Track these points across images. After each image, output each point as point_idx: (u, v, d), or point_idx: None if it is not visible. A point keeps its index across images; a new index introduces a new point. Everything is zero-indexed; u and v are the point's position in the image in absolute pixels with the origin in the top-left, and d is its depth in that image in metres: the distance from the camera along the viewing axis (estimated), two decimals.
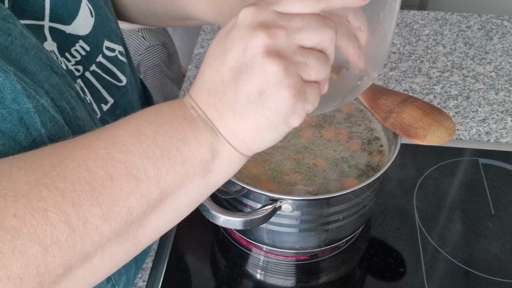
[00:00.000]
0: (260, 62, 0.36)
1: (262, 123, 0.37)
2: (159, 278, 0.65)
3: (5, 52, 0.40)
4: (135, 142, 0.36)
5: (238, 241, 0.69)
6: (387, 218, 0.72)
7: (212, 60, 0.38)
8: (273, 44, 0.36)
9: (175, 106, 0.39)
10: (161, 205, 0.37)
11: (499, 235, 0.69)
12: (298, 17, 0.37)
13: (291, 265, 0.67)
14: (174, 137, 0.37)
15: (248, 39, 0.36)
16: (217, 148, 0.38)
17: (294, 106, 0.37)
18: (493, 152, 0.81)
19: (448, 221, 0.71)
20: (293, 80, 0.36)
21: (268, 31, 0.35)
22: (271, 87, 0.36)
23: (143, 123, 0.37)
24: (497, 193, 0.75)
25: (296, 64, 0.36)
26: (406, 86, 0.92)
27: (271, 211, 0.54)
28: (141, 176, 0.36)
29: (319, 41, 0.37)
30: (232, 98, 0.37)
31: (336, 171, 0.62)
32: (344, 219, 0.60)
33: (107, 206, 0.35)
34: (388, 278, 0.65)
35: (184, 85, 0.93)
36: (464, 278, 0.65)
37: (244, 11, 0.37)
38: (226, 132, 0.38)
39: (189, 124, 0.38)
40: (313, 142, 0.65)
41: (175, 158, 0.37)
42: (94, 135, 0.37)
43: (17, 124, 0.39)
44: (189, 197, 0.39)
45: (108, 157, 0.35)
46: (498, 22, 1.06)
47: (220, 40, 0.38)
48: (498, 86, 0.92)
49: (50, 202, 0.33)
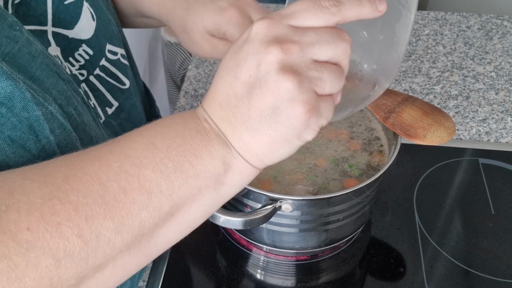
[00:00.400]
0: (274, 79, 0.35)
1: (276, 138, 0.37)
2: (159, 278, 0.65)
3: (13, 59, 0.40)
4: (148, 156, 0.36)
5: (238, 241, 0.69)
6: (387, 218, 0.72)
7: (225, 73, 0.38)
8: (287, 60, 0.36)
9: (187, 118, 0.39)
10: (173, 217, 0.38)
11: (499, 235, 0.69)
12: (312, 31, 0.36)
13: (291, 265, 0.67)
14: (187, 151, 0.37)
15: (261, 54, 0.36)
16: (230, 162, 0.38)
17: (308, 122, 0.37)
18: (493, 152, 0.81)
19: (448, 221, 0.71)
20: (307, 96, 0.36)
21: (282, 46, 0.35)
22: (285, 103, 0.36)
23: (156, 136, 0.37)
24: (497, 193, 0.75)
25: (310, 80, 0.36)
26: (406, 86, 0.92)
27: (271, 211, 0.54)
28: (153, 189, 0.36)
29: (334, 54, 0.37)
30: (245, 113, 0.37)
31: (337, 171, 0.62)
32: (344, 219, 0.60)
33: (119, 219, 0.35)
34: (388, 278, 0.65)
35: (184, 85, 0.93)
36: (464, 278, 0.65)
37: (257, 24, 0.37)
38: (239, 146, 0.38)
39: (202, 137, 0.37)
40: (314, 142, 0.65)
41: (187, 172, 0.37)
42: (107, 147, 0.37)
43: (27, 132, 0.40)
44: (200, 209, 0.39)
45: (121, 171, 0.35)
46: (498, 22, 1.06)
47: (233, 53, 0.38)
48: (498, 86, 0.92)
49: (64, 215, 0.33)
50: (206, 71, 0.95)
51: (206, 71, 0.95)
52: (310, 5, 0.37)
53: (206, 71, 0.95)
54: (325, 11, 0.36)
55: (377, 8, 0.38)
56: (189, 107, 0.88)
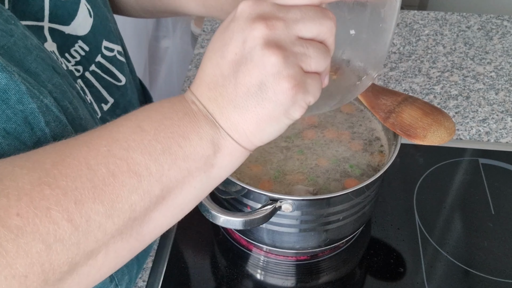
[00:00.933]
0: (259, 54, 0.35)
1: (263, 115, 0.37)
2: (159, 278, 0.65)
3: (9, 53, 0.40)
4: (136, 139, 0.36)
5: (238, 241, 0.69)
6: (387, 218, 0.72)
7: (212, 54, 0.38)
8: (272, 35, 0.35)
9: (175, 102, 0.39)
10: (164, 201, 0.37)
11: (499, 235, 0.69)
12: (297, 8, 0.36)
13: (291, 265, 0.67)
14: (175, 133, 0.37)
15: (246, 31, 0.36)
16: (219, 143, 0.38)
17: (295, 97, 0.36)
18: (493, 152, 0.81)
19: (448, 221, 0.71)
20: (292, 70, 0.36)
21: (267, 22, 0.35)
22: (270, 79, 0.36)
23: (144, 119, 0.37)
24: (497, 193, 0.75)
25: (296, 55, 0.36)
26: (406, 86, 0.92)
27: (271, 211, 0.54)
28: (143, 172, 0.36)
29: (319, 32, 0.37)
30: (232, 91, 0.37)
31: (338, 171, 0.62)
32: (344, 219, 0.60)
33: (109, 203, 0.35)
34: (388, 278, 0.65)
35: (184, 85, 0.93)
36: (464, 278, 0.65)
37: (242, 4, 0.37)
38: (227, 125, 0.38)
39: (190, 119, 0.37)
40: (315, 143, 0.65)
41: (176, 153, 0.37)
42: (95, 133, 0.37)
43: (22, 124, 0.40)
44: (192, 192, 0.39)
45: (109, 154, 0.35)
46: (498, 22, 1.06)
47: (219, 34, 0.38)
48: (498, 86, 0.92)
49: (53, 200, 0.33)
50: None
51: None
52: None
53: None
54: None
55: None
56: None
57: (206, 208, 0.52)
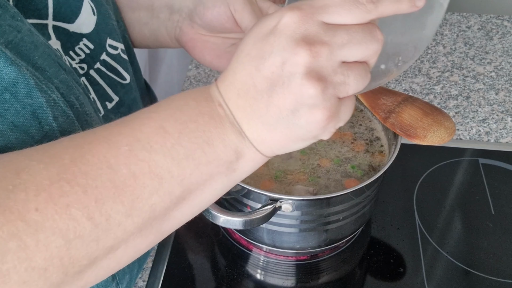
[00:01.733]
0: (298, 83, 0.34)
1: (291, 137, 0.37)
2: (159, 278, 0.65)
3: (16, 48, 0.40)
4: (159, 141, 0.36)
5: (238, 241, 0.69)
6: (387, 218, 0.72)
7: (246, 60, 0.36)
8: (314, 65, 0.34)
9: (201, 100, 0.37)
10: (185, 201, 0.37)
11: (499, 235, 0.69)
12: (344, 30, 0.35)
13: (291, 265, 0.67)
14: (200, 138, 0.36)
15: (288, 53, 0.34)
16: (242, 151, 0.38)
17: (327, 126, 0.36)
18: (493, 152, 0.81)
19: (448, 221, 0.71)
20: (329, 103, 0.35)
21: (311, 48, 0.34)
22: (305, 108, 0.35)
23: (167, 119, 0.36)
24: (497, 193, 0.75)
25: (335, 85, 0.35)
26: (406, 86, 0.92)
27: (271, 211, 0.54)
28: (164, 175, 0.35)
29: (364, 56, 0.36)
30: (263, 108, 0.36)
31: (339, 172, 0.62)
32: (344, 219, 0.60)
33: (129, 203, 0.35)
34: (388, 278, 0.65)
35: (184, 85, 0.93)
36: (464, 278, 0.65)
37: (287, 16, 0.35)
38: (253, 137, 0.37)
39: (216, 124, 0.37)
40: (318, 143, 0.65)
41: (200, 159, 0.36)
42: (115, 128, 0.37)
43: (30, 118, 0.40)
44: (212, 193, 0.39)
45: (131, 155, 0.35)
46: (498, 22, 1.06)
47: (257, 41, 0.36)
48: (498, 86, 0.92)
49: (72, 198, 0.33)
50: (206, 71, 0.95)
51: (206, 71, 0.95)
52: (347, 0, 0.35)
53: (206, 71, 0.95)
54: (361, 8, 0.34)
55: (415, 4, 0.36)
56: None
57: (206, 208, 0.52)
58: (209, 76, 0.94)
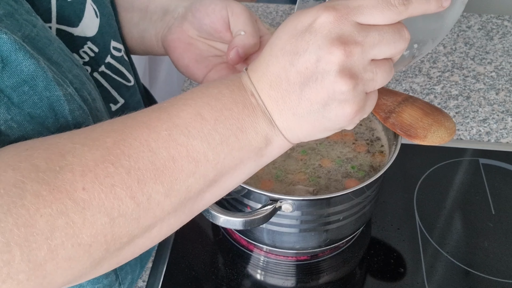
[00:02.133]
0: (332, 80, 0.36)
1: (320, 128, 0.39)
2: (159, 278, 0.65)
3: (32, 42, 0.41)
4: (196, 126, 0.37)
5: (238, 241, 0.69)
6: (387, 218, 0.72)
7: (280, 53, 0.38)
8: (348, 63, 0.36)
9: (234, 89, 0.39)
10: (216, 183, 0.40)
11: (499, 235, 0.69)
12: (376, 30, 0.37)
13: (291, 265, 0.67)
14: (234, 125, 0.38)
15: (323, 51, 0.36)
16: (272, 138, 0.40)
17: (354, 119, 0.39)
18: (494, 152, 0.81)
19: (448, 221, 0.71)
20: (358, 98, 0.38)
21: (345, 48, 0.36)
22: (336, 103, 0.37)
23: (204, 107, 0.38)
24: (498, 193, 0.75)
25: (365, 82, 0.38)
26: (406, 86, 0.92)
27: (271, 211, 0.54)
28: (200, 159, 0.37)
29: (391, 54, 0.38)
30: (295, 101, 0.38)
31: (340, 172, 0.62)
32: (344, 219, 0.60)
33: (168, 184, 0.37)
34: (388, 278, 0.65)
35: (184, 85, 0.93)
36: (464, 278, 0.65)
37: (323, 16, 0.37)
38: (283, 127, 0.39)
39: (249, 112, 0.39)
40: (320, 143, 0.65)
41: (233, 144, 0.38)
42: (154, 114, 0.38)
43: (47, 111, 0.40)
44: (240, 176, 0.41)
45: (170, 139, 0.37)
46: (499, 22, 1.06)
47: (291, 36, 0.38)
48: (499, 86, 0.92)
49: (117, 178, 0.35)
50: None
51: None
52: (380, 1, 0.37)
53: None
54: (393, 10, 0.37)
55: (442, 4, 0.38)
56: None
57: (206, 208, 0.52)
58: None
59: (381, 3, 0.36)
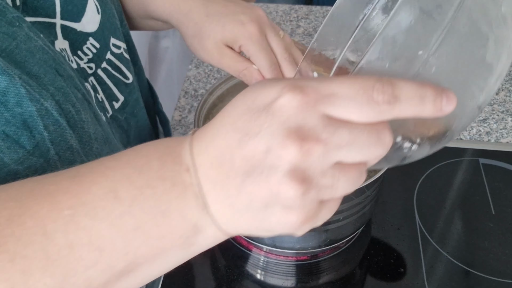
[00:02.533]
0: (278, 179, 0.29)
1: (258, 228, 0.32)
2: (159, 278, 0.65)
3: (10, 55, 0.40)
4: (106, 207, 0.31)
5: (238, 241, 0.69)
6: (387, 218, 0.72)
7: (230, 128, 0.31)
8: (301, 164, 0.29)
9: (167, 160, 0.32)
10: (130, 273, 0.33)
11: (499, 235, 0.69)
12: (346, 129, 0.29)
13: (291, 265, 0.67)
14: (155, 208, 0.31)
15: (275, 142, 0.29)
16: (202, 227, 0.32)
17: (300, 228, 0.31)
18: (494, 152, 0.81)
19: (448, 221, 0.71)
20: (307, 208, 0.30)
21: (303, 145, 0.28)
22: (279, 207, 0.30)
23: (122, 181, 0.31)
24: (498, 193, 0.75)
25: (320, 189, 0.30)
26: None
27: None
28: (106, 247, 0.31)
29: (363, 159, 0.30)
30: (233, 190, 0.30)
31: None
32: (344, 219, 0.60)
33: (61, 277, 0.31)
34: (388, 278, 0.65)
35: (184, 85, 0.93)
36: (464, 278, 0.65)
37: (286, 97, 0.29)
38: (217, 215, 0.32)
39: (177, 194, 0.31)
40: None
41: (150, 232, 0.31)
42: (64, 183, 0.33)
43: (21, 127, 0.39)
44: (166, 266, 0.34)
45: (72, 221, 0.31)
46: None
47: (246, 111, 0.30)
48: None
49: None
50: (206, 71, 0.95)
51: (206, 71, 0.95)
52: (359, 93, 0.29)
53: (206, 71, 0.95)
54: (373, 107, 0.29)
55: (441, 109, 0.30)
56: (189, 107, 0.88)
57: None
58: (209, 76, 0.94)
59: (361, 96, 0.28)
